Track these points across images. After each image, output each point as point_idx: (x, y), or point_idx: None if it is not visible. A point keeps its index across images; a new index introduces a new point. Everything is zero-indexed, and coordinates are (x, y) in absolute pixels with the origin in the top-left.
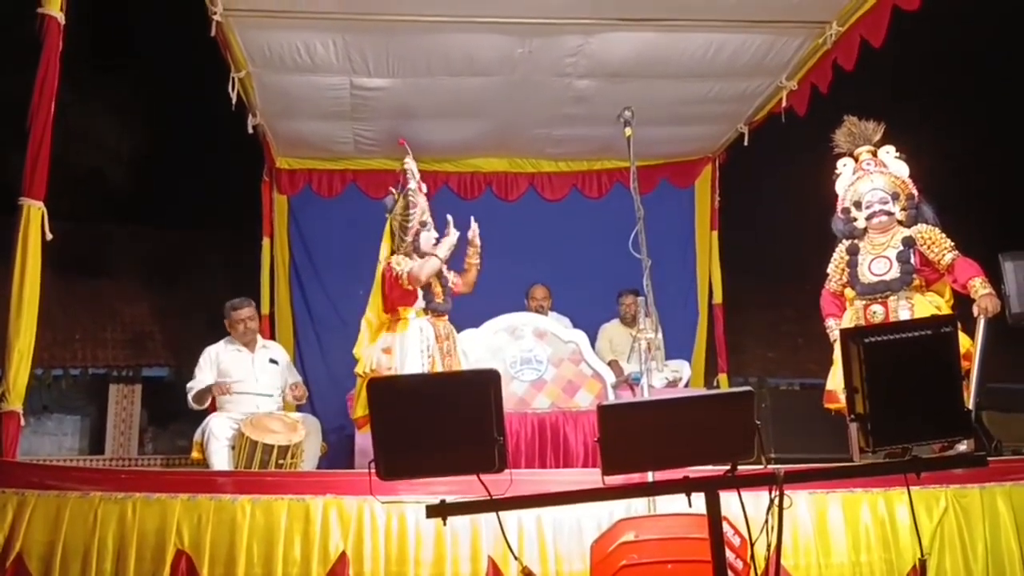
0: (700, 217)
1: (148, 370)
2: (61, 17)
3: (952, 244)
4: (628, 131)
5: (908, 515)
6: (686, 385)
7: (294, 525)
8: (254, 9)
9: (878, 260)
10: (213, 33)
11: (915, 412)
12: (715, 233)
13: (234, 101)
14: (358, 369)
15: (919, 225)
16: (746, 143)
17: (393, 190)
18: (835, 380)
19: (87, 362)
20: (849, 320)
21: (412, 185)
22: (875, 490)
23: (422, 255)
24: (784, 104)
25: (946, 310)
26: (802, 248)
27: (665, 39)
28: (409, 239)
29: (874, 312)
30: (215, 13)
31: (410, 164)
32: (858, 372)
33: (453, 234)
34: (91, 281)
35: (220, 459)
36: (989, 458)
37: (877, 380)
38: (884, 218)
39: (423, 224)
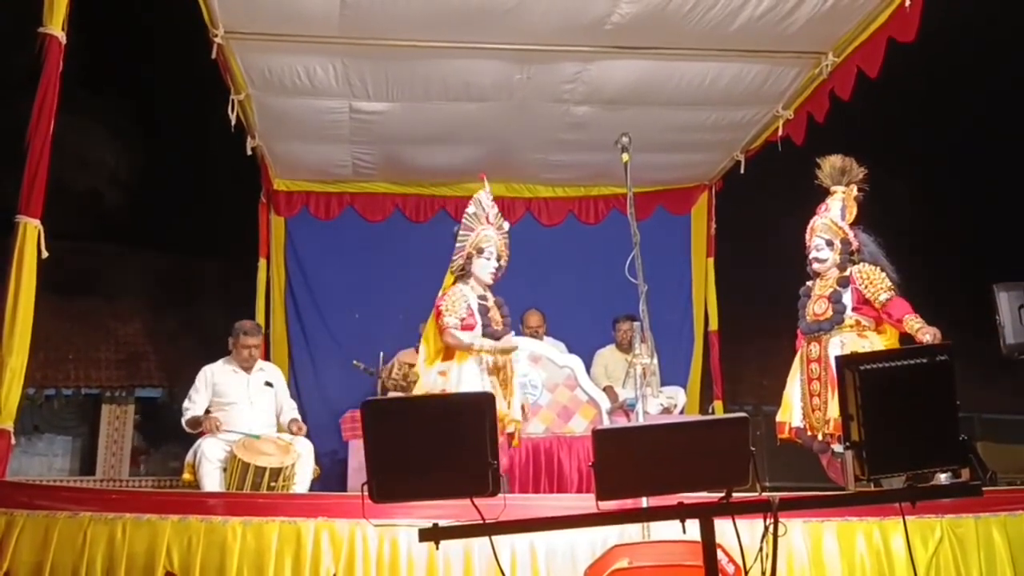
0: (696, 244)
1: (142, 391)
2: (62, 36)
3: (890, 285)
4: (625, 157)
5: (903, 545)
6: (681, 412)
7: (285, 548)
8: (255, 32)
9: (819, 301)
10: (214, 56)
11: (911, 440)
12: (711, 260)
13: (233, 123)
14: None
15: (861, 264)
16: (742, 171)
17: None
18: (784, 413)
19: (80, 382)
20: (797, 358)
21: (471, 210)
22: (870, 519)
23: (482, 283)
24: (781, 133)
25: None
26: (798, 276)
27: (662, 67)
28: (459, 261)
29: (811, 350)
30: (216, 36)
31: (480, 195)
32: (853, 399)
33: (505, 340)
34: (86, 300)
35: (212, 481)
36: (984, 488)
37: (873, 408)
38: (816, 265)
39: (479, 251)
